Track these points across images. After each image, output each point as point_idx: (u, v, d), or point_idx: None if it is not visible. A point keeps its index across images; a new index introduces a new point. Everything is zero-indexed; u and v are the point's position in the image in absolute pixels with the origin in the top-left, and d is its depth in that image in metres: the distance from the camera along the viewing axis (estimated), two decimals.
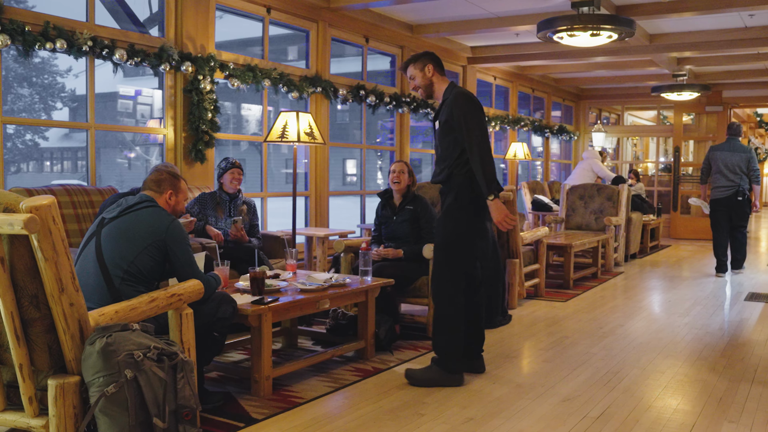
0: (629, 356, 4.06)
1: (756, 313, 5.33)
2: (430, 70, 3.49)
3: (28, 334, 2.21)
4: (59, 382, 2.18)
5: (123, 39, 4.83)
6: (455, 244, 3.42)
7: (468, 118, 3.31)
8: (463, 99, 3.37)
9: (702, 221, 11.61)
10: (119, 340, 2.15)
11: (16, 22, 4.10)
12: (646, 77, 10.79)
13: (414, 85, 3.56)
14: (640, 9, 6.40)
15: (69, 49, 4.38)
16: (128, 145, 20.33)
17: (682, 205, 11.80)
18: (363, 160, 7.82)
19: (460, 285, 3.43)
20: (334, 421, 2.97)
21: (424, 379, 3.42)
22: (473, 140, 3.29)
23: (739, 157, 6.93)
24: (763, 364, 3.90)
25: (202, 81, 5.25)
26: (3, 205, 2.15)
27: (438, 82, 3.51)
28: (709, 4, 6.14)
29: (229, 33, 5.52)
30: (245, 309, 3.14)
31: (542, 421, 2.98)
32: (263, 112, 6.23)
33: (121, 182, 20.40)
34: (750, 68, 9.83)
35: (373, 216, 4.93)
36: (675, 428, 2.92)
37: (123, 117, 18.42)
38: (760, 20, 7.04)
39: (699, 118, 11.74)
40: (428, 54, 3.56)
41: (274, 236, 5.10)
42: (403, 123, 8.08)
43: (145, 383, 2.12)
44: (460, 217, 3.40)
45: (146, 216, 2.84)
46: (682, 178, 11.80)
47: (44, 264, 2.13)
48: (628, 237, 8.40)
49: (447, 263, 3.43)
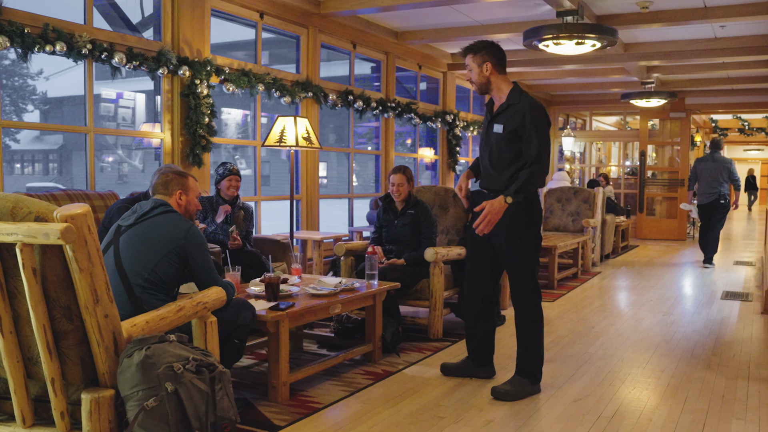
0: (626, 355, 4.07)
1: (735, 312, 5.42)
2: (488, 68, 3.22)
3: (59, 347, 2.08)
4: (94, 396, 2.05)
5: (121, 42, 4.65)
6: (534, 257, 3.32)
7: (537, 134, 3.15)
8: (537, 112, 3.18)
9: (666, 222, 11.86)
10: (158, 353, 2.03)
11: (15, 23, 3.91)
12: (613, 84, 10.95)
13: (469, 77, 3.32)
14: (620, 19, 6.47)
15: (69, 52, 4.19)
16: (110, 149, 19.76)
17: (648, 206, 12.03)
18: (351, 164, 7.72)
19: (540, 294, 3.36)
20: (356, 426, 2.89)
21: (516, 393, 3.23)
22: (534, 157, 3.15)
23: (720, 167, 7.76)
24: (754, 362, 3.95)
25: (199, 85, 5.09)
26: (34, 213, 2.01)
27: (497, 81, 3.25)
28: (685, 15, 6.24)
29: (215, 36, 5.36)
30: (264, 315, 3.04)
31: (560, 422, 2.95)
32: (256, 116, 6.09)
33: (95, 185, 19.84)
34: (713, 77, 10.06)
35: (361, 218, 4.85)
36: (688, 426, 2.92)
37: (105, 121, 17.89)
38: (730, 31, 7.19)
39: (663, 123, 11.97)
40: (490, 48, 3.23)
41: (273, 240, 4.98)
42: (388, 127, 8.01)
43: (186, 396, 2.01)
44: (535, 232, 3.29)
45: (163, 222, 2.71)
46: (648, 181, 12.01)
47: (79, 275, 2.00)
48: (603, 238, 8.50)
49: (527, 275, 3.30)
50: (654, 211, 12.10)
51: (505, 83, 3.30)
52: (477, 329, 3.48)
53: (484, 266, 3.41)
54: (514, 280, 3.35)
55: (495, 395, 3.25)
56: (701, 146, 16.31)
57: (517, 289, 3.35)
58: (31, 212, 2.01)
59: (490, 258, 3.39)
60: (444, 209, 5.09)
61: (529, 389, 3.30)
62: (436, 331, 4.42)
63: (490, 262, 3.39)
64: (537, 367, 3.35)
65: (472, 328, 3.50)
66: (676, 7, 6.21)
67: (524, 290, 3.33)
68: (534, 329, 3.34)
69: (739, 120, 16.03)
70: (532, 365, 3.34)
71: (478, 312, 3.46)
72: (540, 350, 3.36)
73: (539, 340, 3.35)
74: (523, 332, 3.35)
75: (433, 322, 4.43)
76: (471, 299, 3.49)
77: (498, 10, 6.63)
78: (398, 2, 6.01)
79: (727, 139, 18.06)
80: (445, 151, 9.39)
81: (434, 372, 3.66)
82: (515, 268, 3.33)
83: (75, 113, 19.44)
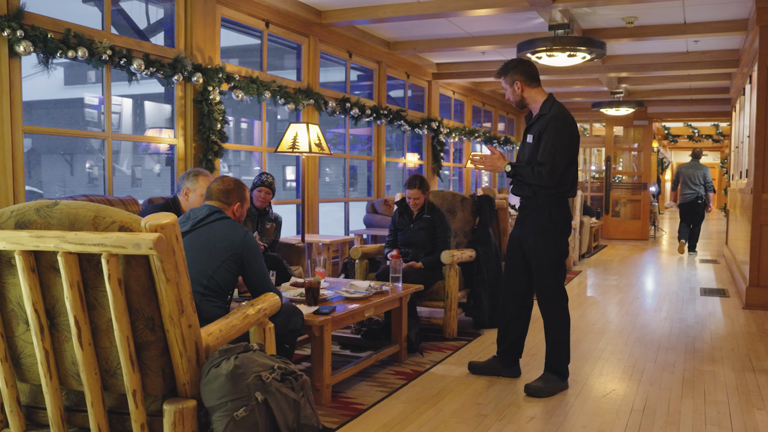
0: (635, 351, 4.11)
1: (717, 307, 5.55)
2: (519, 86, 3.25)
3: (141, 359, 1.96)
4: (178, 407, 1.94)
5: (138, 49, 4.48)
6: (560, 262, 3.32)
7: (553, 140, 3.14)
8: (560, 121, 3.17)
9: (631, 223, 12.12)
10: (246, 362, 1.93)
11: (38, 28, 3.71)
12: (583, 93, 11.14)
13: (507, 96, 3.36)
14: (605, 33, 6.56)
15: (90, 58, 4.00)
16: (95, 153, 19.06)
17: (613, 208, 12.27)
18: (347, 169, 7.63)
19: (566, 296, 3.35)
20: (405, 427, 2.82)
21: (548, 390, 3.23)
22: (543, 159, 3.16)
23: (698, 173, 9.10)
24: (753, 355, 4.04)
25: (211, 92, 4.94)
26: (117, 223, 1.89)
27: (531, 95, 3.26)
28: (666, 30, 6.37)
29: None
30: (312, 320, 2.95)
31: (597, 417, 2.95)
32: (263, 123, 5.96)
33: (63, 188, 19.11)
34: (676, 87, 10.32)
35: (357, 222, 4.80)
36: (716, 417, 2.96)
37: (91, 126, 17.26)
38: (702, 46, 7.38)
39: (627, 130, 12.24)
40: (517, 66, 3.26)
41: (288, 244, 4.87)
42: (380, 134, 7.96)
43: (275, 405, 1.92)
44: (557, 237, 3.28)
45: (221, 229, 2.61)
46: (613, 185, 12.26)
47: (165, 285, 1.89)
48: (581, 238, 8.63)
49: (554, 277, 3.30)
50: (619, 212, 12.36)
51: (539, 95, 3.30)
52: (510, 331, 3.46)
53: (518, 271, 3.41)
54: (541, 282, 3.34)
55: (528, 392, 3.23)
56: (655, 153, 16.75)
57: (545, 290, 3.35)
58: (115, 222, 1.89)
59: (524, 264, 3.38)
60: (452, 213, 5.07)
61: (559, 385, 3.30)
62: (452, 331, 4.39)
63: (524, 268, 3.39)
64: (564, 364, 3.35)
65: (506, 330, 3.48)
66: (659, 23, 6.33)
67: (551, 292, 3.33)
68: (561, 328, 3.34)
69: (690, 127, 16.53)
70: (560, 362, 3.34)
71: (513, 315, 3.44)
72: (566, 348, 3.36)
73: (566, 338, 3.36)
74: (550, 331, 3.35)
75: (448, 321, 4.40)
76: (506, 302, 3.48)
77: (490, 22, 6.65)
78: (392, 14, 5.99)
79: (677, 145, 18.63)
80: (430, 156, 9.39)
81: (461, 371, 3.63)
82: (542, 270, 3.33)
83: (46, 117, 18.73)
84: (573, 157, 3.26)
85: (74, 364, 2.01)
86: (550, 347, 3.36)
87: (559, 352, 3.34)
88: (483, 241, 4.82)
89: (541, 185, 3.23)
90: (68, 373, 2.03)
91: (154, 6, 5.39)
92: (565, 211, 3.33)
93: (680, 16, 6.10)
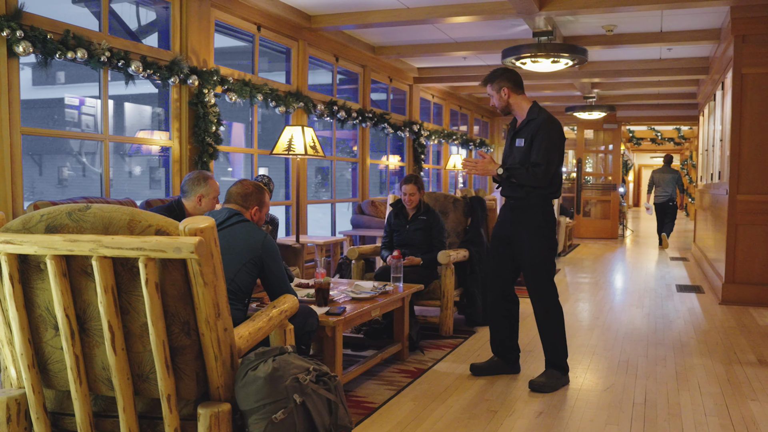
0: (626, 347, 4.18)
1: (695, 303, 5.70)
2: (505, 92, 3.34)
3: (175, 363, 1.91)
4: (213, 410, 1.89)
5: (135, 51, 4.37)
6: (550, 258, 3.38)
7: (545, 143, 3.23)
8: (550, 125, 3.26)
9: (601, 223, 12.35)
10: (283, 365, 1.90)
11: (38, 29, 3.59)
12: (556, 98, 11.31)
13: (492, 103, 3.43)
14: (585, 40, 6.67)
15: (89, 60, 3.89)
16: (74, 155, 18.53)
17: (584, 208, 12.49)
18: (333, 171, 7.59)
19: (557, 292, 3.39)
20: (420, 424, 2.82)
21: (552, 385, 3.27)
22: (536, 161, 3.24)
23: (671, 177, 10.29)
24: (738, 348, 4.16)
25: (207, 94, 4.86)
26: (154, 227, 1.84)
27: (516, 101, 3.36)
28: (643, 38, 6.51)
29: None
30: (324, 320, 2.92)
31: (604, 410, 3.00)
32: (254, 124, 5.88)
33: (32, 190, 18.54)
34: (645, 92, 10.56)
35: (345, 223, 4.78)
36: (713, 409, 3.03)
37: (70, 126, 16.78)
38: (675, 53, 7.57)
39: (597, 133, 12.47)
40: (504, 74, 3.35)
41: (284, 245, 4.81)
42: (364, 136, 7.94)
43: (312, 407, 1.89)
44: (549, 234, 3.35)
45: (241, 232, 2.57)
46: (584, 186, 12.47)
47: (203, 289, 1.84)
48: (558, 238, 8.76)
49: (547, 274, 3.36)
50: (589, 212, 12.58)
51: (524, 101, 3.39)
52: (501, 328, 3.50)
53: (504, 268, 3.46)
54: (535, 279, 3.39)
55: (533, 388, 3.26)
56: (621, 156, 17.09)
57: (538, 287, 3.39)
58: (151, 225, 1.84)
59: (510, 258, 3.43)
60: (444, 214, 5.08)
61: (562, 380, 3.34)
62: (448, 329, 4.41)
63: (510, 263, 3.44)
64: (563, 359, 3.39)
65: (498, 329, 3.52)
66: (637, 31, 6.47)
67: (544, 288, 3.38)
68: (557, 323, 3.39)
69: (653, 131, 16.95)
70: (559, 357, 3.38)
71: (503, 312, 3.48)
72: (564, 343, 3.41)
73: (562, 333, 3.40)
74: (546, 328, 3.40)
75: (444, 320, 4.41)
76: (494, 299, 3.51)
77: (474, 29, 6.70)
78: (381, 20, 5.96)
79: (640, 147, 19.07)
80: (411, 158, 9.41)
81: (462, 368, 3.64)
82: (537, 267, 3.37)
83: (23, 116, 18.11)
84: (561, 159, 3.35)
85: (104, 369, 1.94)
86: (549, 343, 3.40)
87: (558, 348, 3.39)
88: (475, 241, 4.85)
89: (535, 186, 3.28)
90: (98, 378, 1.96)
91: (145, 8, 5.28)
92: (552, 210, 3.41)
93: (658, 24, 6.24)
